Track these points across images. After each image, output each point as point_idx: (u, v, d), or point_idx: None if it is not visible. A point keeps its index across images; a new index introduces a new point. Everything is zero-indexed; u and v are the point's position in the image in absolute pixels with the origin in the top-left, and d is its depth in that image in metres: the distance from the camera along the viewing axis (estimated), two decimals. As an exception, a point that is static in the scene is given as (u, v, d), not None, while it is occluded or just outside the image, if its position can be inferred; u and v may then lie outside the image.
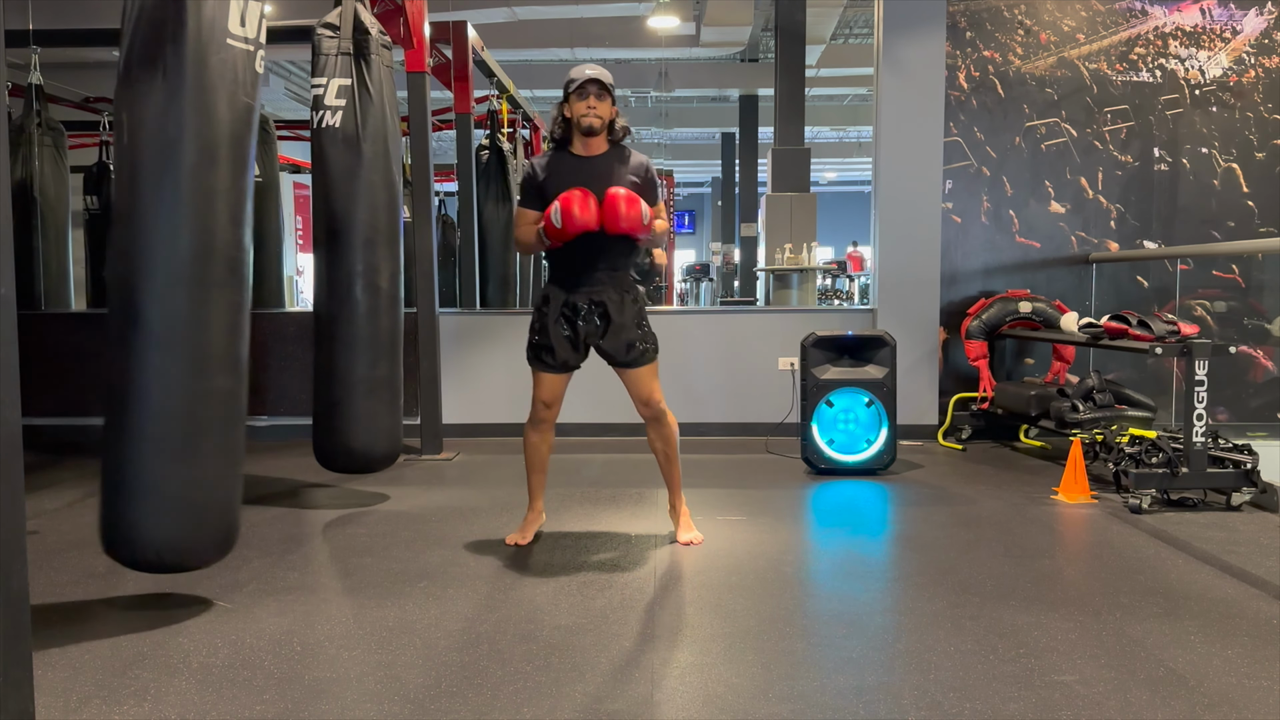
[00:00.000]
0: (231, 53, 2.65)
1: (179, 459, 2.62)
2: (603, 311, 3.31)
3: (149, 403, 2.58)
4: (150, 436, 2.59)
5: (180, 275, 2.59)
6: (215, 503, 2.72)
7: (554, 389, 3.44)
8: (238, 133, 2.68)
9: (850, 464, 4.71)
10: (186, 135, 2.57)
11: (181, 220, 2.58)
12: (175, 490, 2.63)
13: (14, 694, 1.92)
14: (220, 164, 2.64)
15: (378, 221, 3.96)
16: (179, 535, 2.67)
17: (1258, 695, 2.27)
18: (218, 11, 2.61)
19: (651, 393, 3.38)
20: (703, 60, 14.18)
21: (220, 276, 2.66)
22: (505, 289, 7.19)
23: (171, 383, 2.60)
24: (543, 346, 3.38)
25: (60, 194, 6.25)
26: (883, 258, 5.61)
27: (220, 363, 2.67)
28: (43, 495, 4.33)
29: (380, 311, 4.00)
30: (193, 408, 2.63)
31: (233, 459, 2.76)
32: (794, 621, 2.76)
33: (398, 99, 4.29)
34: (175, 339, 2.60)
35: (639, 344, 3.34)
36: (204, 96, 2.58)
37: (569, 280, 3.34)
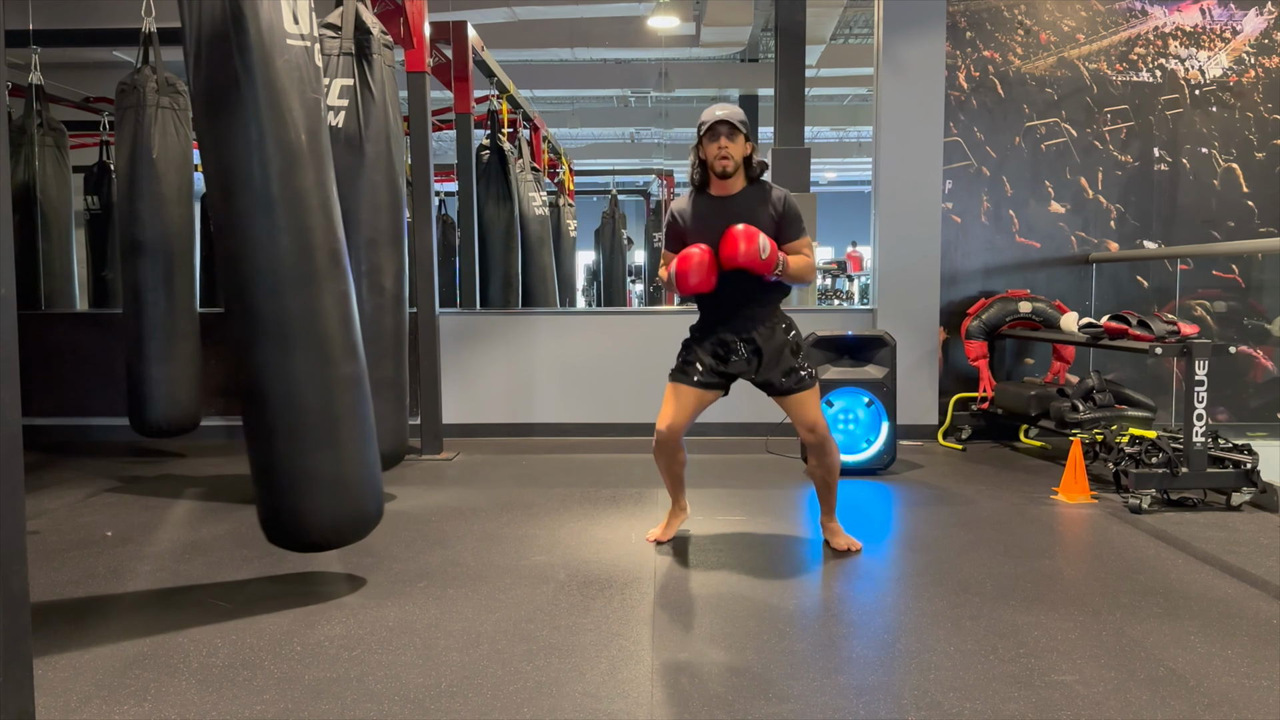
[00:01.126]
0: (293, 52, 2.72)
1: (324, 445, 2.78)
2: (754, 348, 3.27)
3: (286, 397, 2.73)
4: (292, 427, 2.75)
5: (289, 275, 2.71)
6: (362, 479, 2.90)
7: (686, 407, 3.29)
8: (313, 128, 2.77)
9: (850, 464, 4.70)
10: (269, 141, 2.65)
11: (280, 222, 2.69)
12: (326, 473, 2.80)
13: (14, 694, 1.92)
14: (304, 163, 2.72)
15: (381, 222, 3.97)
16: (336, 513, 2.86)
17: (1258, 695, 2.27)
18: (273, 14, 2.67)
19: (817, 419, 3.28)
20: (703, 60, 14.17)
21: (325, 269, 2.77)
22: (507, 289, 7.18)
23: (301, 376, 2.74)
24: (689, 363, 3.32)
25: (62, 194, 6.25)
26: (883, 258, 5.61)
27: (341, 350, 2.81)
28: (43, 495, 4.33)
29: (385, 311, 4.00)
30: (327, 396, 2.77)
31: (369, 437, 2.93)
32: (794, 621, 2.77)
33: (399, 99, 4.29)
34: (296, 334, 2.73)
35: (795, 370, 3.26)
36: (278, 100, 2.66)
37: (717, 317, 3.30)
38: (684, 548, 3.48)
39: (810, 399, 3.30)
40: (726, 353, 3.29)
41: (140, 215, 4.59)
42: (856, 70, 13.63)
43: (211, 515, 3.96)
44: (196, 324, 4.91)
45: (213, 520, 3.87)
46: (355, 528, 2.95)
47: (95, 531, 3.71)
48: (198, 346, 4.91)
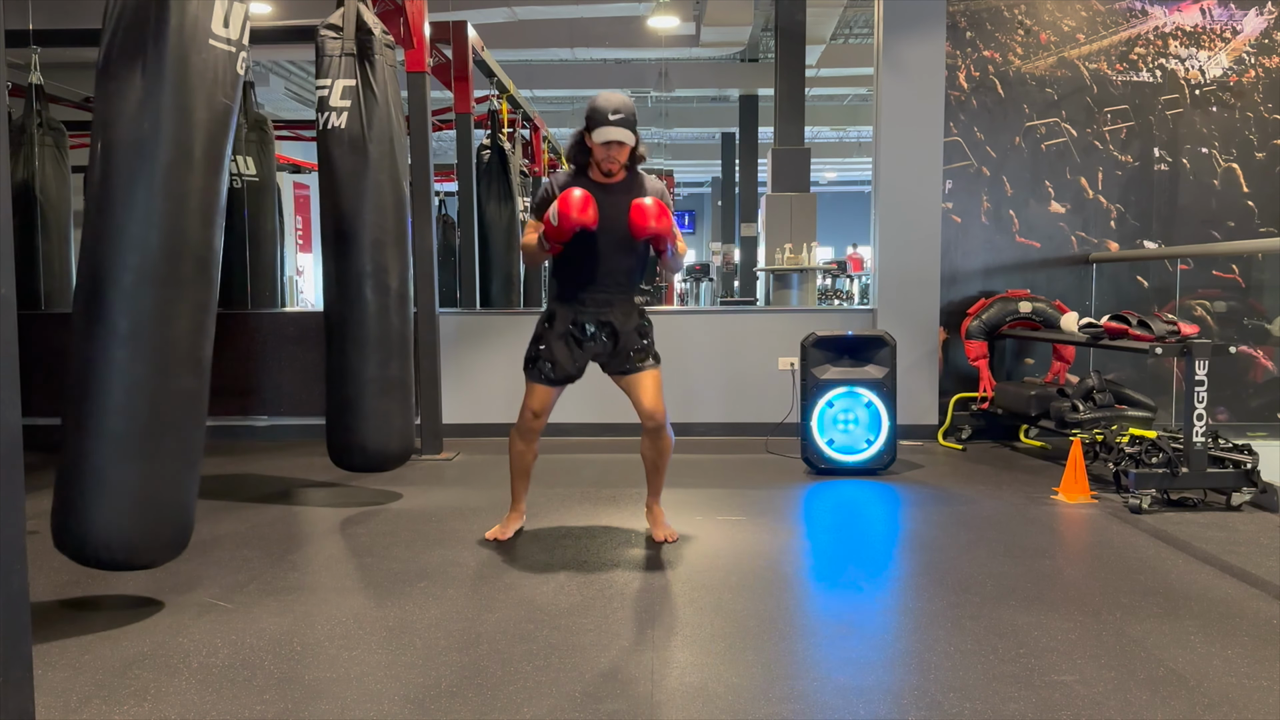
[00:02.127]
0: (213, 53, 2.65)
1: (137, 456, 2.61)
2: (610, 330, 3.35)
3: (110, 399, 2.57)
4: (110, 432, 2.58)
5: (149, 273, 2.58)
6: (170, 502, 2.70)
7: (546, 400, 3.46)
8: (214, 133, 2.68)
9: (850, 464, 4.71)
10: (162, 133, 2.57)
11: (153, 218, 2.57)
12: (131, 487, 2.61)
13: (14, 694, 1.92)
14: (195, 164, 2.63)
15: (385, 222, 3.97)
16: (131, 533, 2.64)
17: (1258, 695, 2.27)
18: (201, 12, 2.61)
19: (655, 402, 3.36)
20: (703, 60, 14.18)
21: (189, 275, 2.65)
22: (507, 288, 7.19)
23: (134, 380, 2.59)
24: (544, 359, 3.39)
25: (62, 194, 6.25)
26: (883, 258, 5.61)
27: (184, 362, 2.67)
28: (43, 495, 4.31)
29: (390, 311, 4.01)
30: (154, 406, 2.61)
31: (191, 459, 2.75)
32: (794, 621, 2.77)
33: (401, 99, 4.29)
34: (140, 336, 2.58)
35: (639, 350, 3.36)
36: (182, 96, 2.59)
37: (575, 298, 3.35)
38: (684, 547, 3.48)
39: (651, 380, 3.37)
40: (582, 336, 3.36)
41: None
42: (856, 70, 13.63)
43: (211, 515, 3.96)
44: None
45: (212, 520, 3.87)
46: (148, 551, 2.71)
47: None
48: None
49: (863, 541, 3.67)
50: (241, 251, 5.98)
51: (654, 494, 3.60)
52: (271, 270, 6.29)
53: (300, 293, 12.66)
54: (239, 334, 5.72)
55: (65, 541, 2.68)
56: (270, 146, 6.28)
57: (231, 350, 5.50)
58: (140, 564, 2.76)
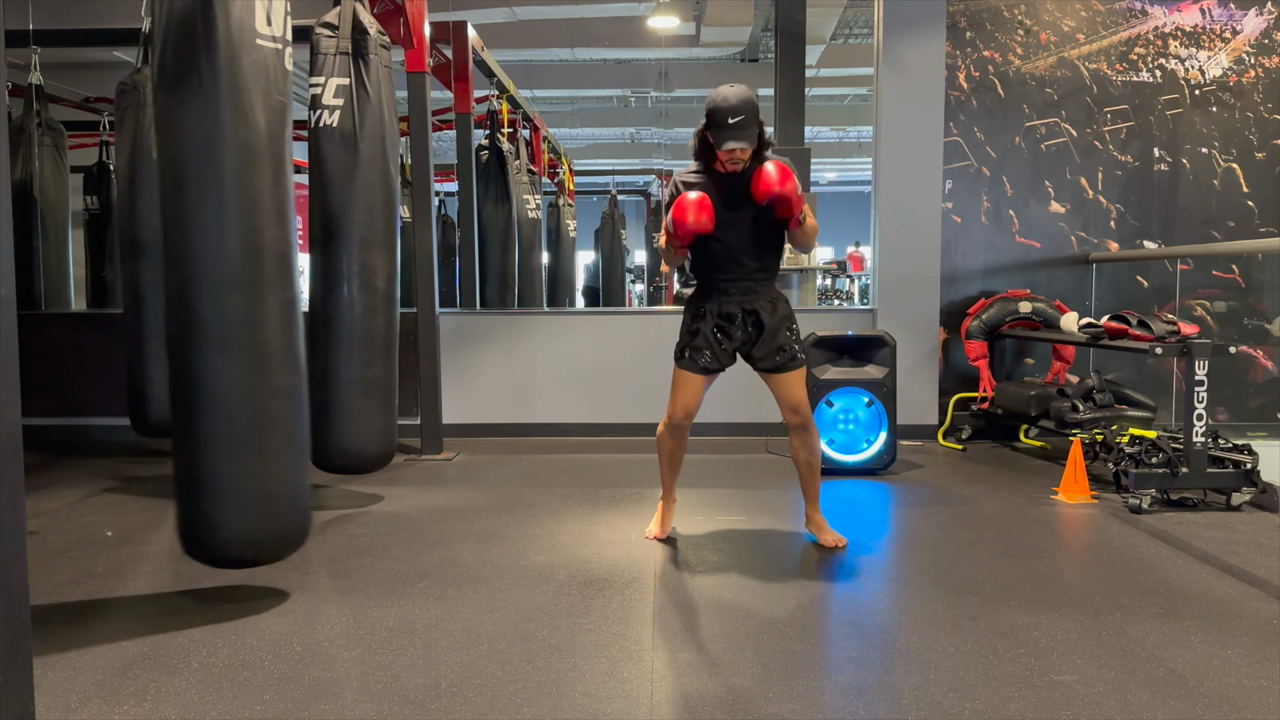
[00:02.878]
0: (262, 52, 2.69)
1: (248, 456, 2.69)
2: (756, 320, 3.32)
3: (215, 404, 2.65)
4: (218, 437, 2.66)
5: (233, 276, 2.65)
6: (286, 496, 2.79)
7: (697, 392, 3.40)
8: (275, 131, 2.73)
9: (850, 464, 4.71)
10: (226, 139, 2.61)
11: (229, 222, 2.63)
12: (249, 486, 2.70)
13: (14, 694, 1.92)
14: (261, 164, 2.68)
15: (374, 222, 3.96)
16: (256, 530, 2.74)
17: (1258, 695, 2.27)
18: (244, 13, 2.64)
19: (800, 399, 3.36)
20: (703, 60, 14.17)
21: (272, 274, 2.71)
22: (505, 289, 7.18)
23: (234, 382, 2.66)
24: (696, 348, 3.35)
25: (60, 194, 6.25)
26: (883, 258, 5.61)
27: (279, 358, 2.73)
28: (43, 495, 4.33)
29: (376, 312, 3.99)
30: (257, 405, 2.69)
31: (299, 452, 2.83)
32: (794, 621, 2.76)
33: (397, 99, 4.29)
34: (234, 339, 2.65)
35: (788, 347, 3.33)
36: (240, 98, 2.63)
37: (719, 288, 3.33)
38: (684, 547, 3.48)
39: (798, 379, 3.37)
40: (729, 325, 3.33)
41: (140, 215, 4.58)
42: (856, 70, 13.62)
43: (211, 515, 3.95)
44: (196, 324, 4.90)
45: (212, 520, 3.87)
46: (273, 546, 2.81)
47: (95, 531, 3.71)
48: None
49: (862, 542, 3.67)
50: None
51: (812, 500, 3.54)
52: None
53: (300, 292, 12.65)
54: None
55: (194, 547, 2.75)
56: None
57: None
58: (266, 559, 2.86)
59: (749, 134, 3.13)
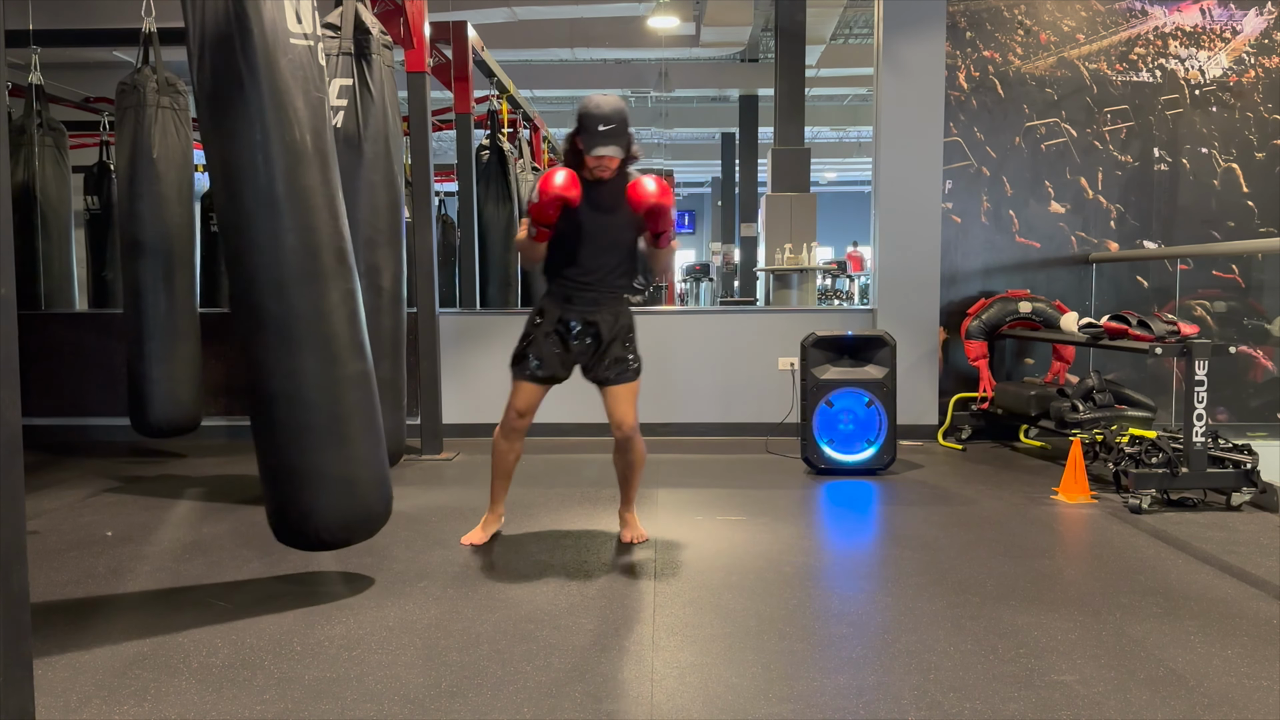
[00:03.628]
0: (297, 51, 2.73)
1: (329, 444, 2.79)
2: (595, 332, 3.30)
3: (292, 396, 2.74)
4: (299, 427, 2.75)
5: (295, 273, 2.71)
6: (370, 479, 2.90)
7: (532, 399, 3.39)
8: (318, 127, 2.77)
9: (850, 464, 4.71)
10: (273, 139, 2.66)
11: (286, 221, 2.69)
12: (332, 473, 2.80)
13: (14, 694, 1.92)
14: (309, 160, 2.73)
15: (379, 221, 3.97)
16: (345, 511, 2.86)
17: (1258, 695, 2.27)
18: (276, 14, 2.68)
19: (626, 414, 3.34)
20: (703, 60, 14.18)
21: (332, 267, 2.78)
22: (506, 289, 7.19)
23: (307, 375, 2.75)
24: (532, 357, 3.35)
25: (62, 194, 6.25)
26: (883, 258, 5.61)
27: (348, 348, 2.82)
28: (43, 495, 4.33)
29: (382, 312, 4.00)
30: (332, 394, 2.78)
31: (377, 436, 2.93)
32: (794, 621, 2.76)
33: (399, 99, 4.29)
34: (302, 333, 2.73)
35: (622, 360, 3.33)
36: (281, 99, 2.67)
37: (564, 296, 3.31)
38: (684, 547, 3.48)
39: (627, 393, 3.35)
40: (567, 332, 3.31)
41: (141, 215, 4.59)
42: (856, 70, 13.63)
43: (212, 515, 3.96)
44: (197, 324, 4.91)
45: (213, 520, 3.87)
46: (363, 526, 2.95)
47: (95, 531, 3.71)
48: (198, 346, 4.91)
49: (863, 541, 3.67)
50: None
51: (626, 503, 3.58)
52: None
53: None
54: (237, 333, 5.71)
55: (287, 533, 2.89)
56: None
57: (231, 350, 5.50)
58: (358, 538, 2.99)
59: (620, 142, 3.12)
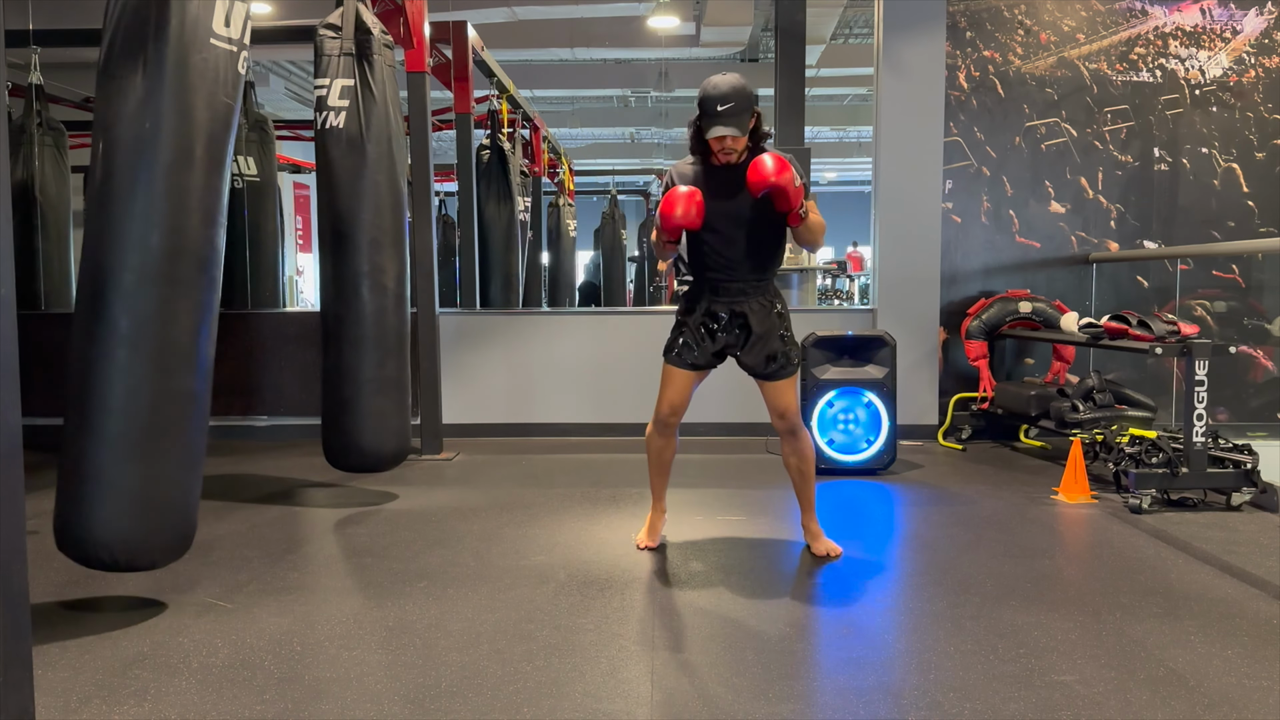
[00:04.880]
0: (214, 53, 2.65)
1: (137, 457, 2.60)
2: (743, 323, 3.22)
3: (111, 399, 2.57)
4: (110, 433, 2.57)
5: (150, 273, 2.58)
6: (172, 503, 2.70)
7: (684, 389, 3.30)
8: (215, 133, 2.68)
9: (850, 464, 4.71)
10: (163, 133, 2.57)
11: (153, 218, 2.57)
12: (131, 488, 2.61)
13: (14, 694, 1.92)
14: (195, 163, 2.63)
15: (383, 222, 3.97)
16: (133, 534, 2.64)
17: (1258, 695, 2.27)
18: (202, 11, 2.62)
19: (789, 405, 3.26)
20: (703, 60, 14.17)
21: (189, 276, 2.65)
22: (507, 289, 7.19)
23: (134, 381, 2.58)
24: (684, 344, 3.27)
25: (61, 194, 6.25)
26: (883, 258, 5.61)
27: (185, 362, 2.66)
28: (43, 495, 4.32)
29: (387, 311, 4.01)
30: (154, 407, 2.61)
31: (192, 461, 2.74)
32: (794, 621, 2.76)
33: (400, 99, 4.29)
34: (141, 336, 2.58)
35: (780, 355, 3.23)
36: (183, 95, 2.59)
37: (709, 287, 3.24)
38: (684, 547, 3.47)
39: (786, 386, 3.27)
40: (715, 325, 3.23)
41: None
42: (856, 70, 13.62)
43: (211, 515, 3.96)
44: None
45: (212, 520, 3.87)
46: (153, 552, 2.72)
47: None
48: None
49: (863, 542, 3.67)
50: (242, 251, 5.99)
51: (807, 507, 3.42)
52: (272, 270, 6.29)
53: (300, 293, 12.66)
54: (240, 334, 5.72)
55: (67, 542, 2.67)
56: (271, 146, 6.28)
57: (232, 350, 5.50)
58: (141, 565, 2.75)
59: (739, 121, 3.03)
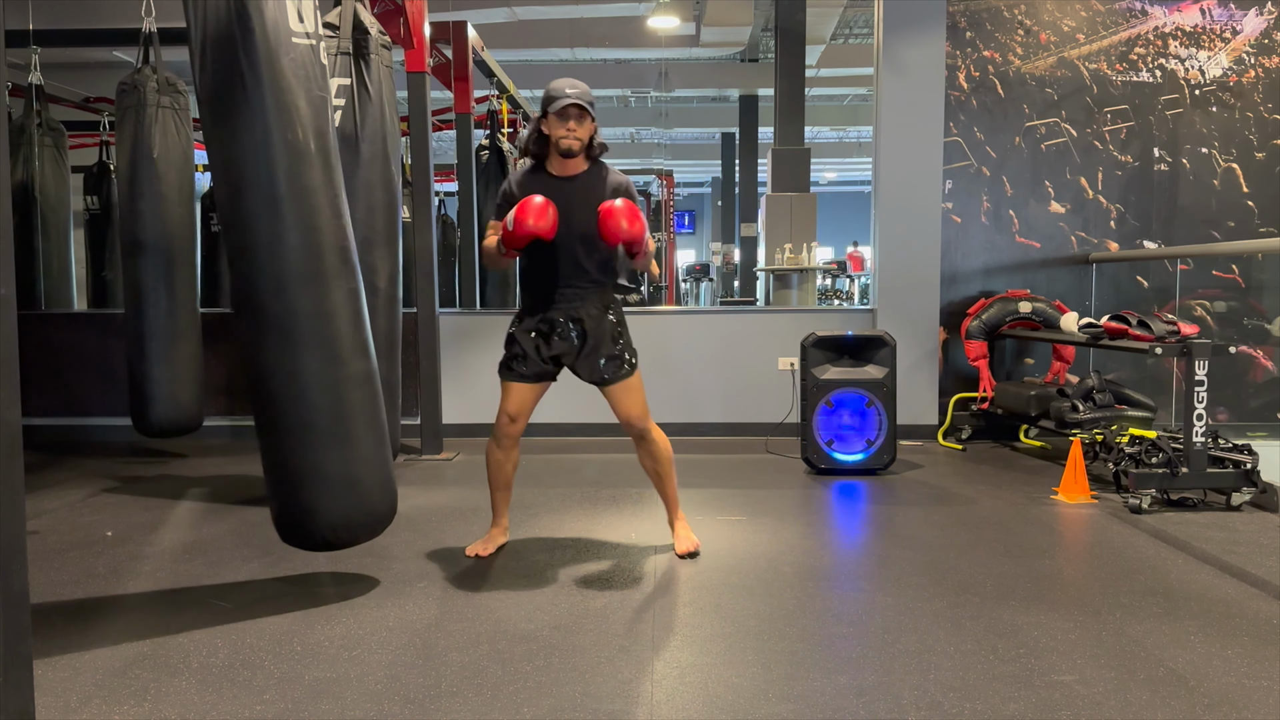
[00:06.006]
0: (299, 50, 2.73)
1: (333, 443, 2.78)
2: (580, 329, 3.17)
3: (295, 396, 2.73)
4: (302, 426, 2.75)
5: (298, 274, 2.71)
6: (373, 479, 2.89)
7: (523, 401, 3.24)
8: (320, 127, 2.77)
9: (850, 464, 4.71)
10: (275, 139, 2.66)
11: (288, 221, 2.69)
12: (336, 472, 2.79)
13: (14, 694, 1.92)
14: (311, 160, 2.73)
15: (375, 221, 3.97)
16: (346, 513, 2.84)
17: (1258, 695, 2.27)
18: (278, 13, 2.68)
19: (632, 410, 3.21)
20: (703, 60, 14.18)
21: (335, 267, 2.77)
22: (505, 289, 7.19)
23: (311, 375, 2.74)
24: (516, 357, 3.22)
25: (61, 194, 6.25)
26: (883, 258, 5.61)
27: (352, 348, 2.81)
28: (43, 495, 4.33)
29: (378, 312, 4.00)
30: (336, 394, 2.77)
31: (381, 436, 2.91)
32: (794, 621, 2.77)
33: (397, 99, 4.29)
34: (307, 333, 2.72)
35: (615, 359, 3.19)
36: (284, 98, 2.67)
37: (544, 295, 3.18)
38: (684, 548, 3.47)
39: (626, 390, 3.21)
40: (550, 331, 3.17)
41: (141, 215, 4.59)
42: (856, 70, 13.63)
43: (212, 515, 3.96)
44: (198, 324, 4.90)
45: (213, 520, 3.87)
46: (367, 527, 2.93)
47: (95, 531, 3.71)
48: (199, 346, 4.91)
49: (863, 542, 3.67)
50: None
51: (671, 508, 3.41)
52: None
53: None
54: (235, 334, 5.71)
55: (293, 535, 2.88)
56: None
57: (233, 350, 5.50)
58: (362, 539, 2.96)
59: (585, 114, 3.04)
